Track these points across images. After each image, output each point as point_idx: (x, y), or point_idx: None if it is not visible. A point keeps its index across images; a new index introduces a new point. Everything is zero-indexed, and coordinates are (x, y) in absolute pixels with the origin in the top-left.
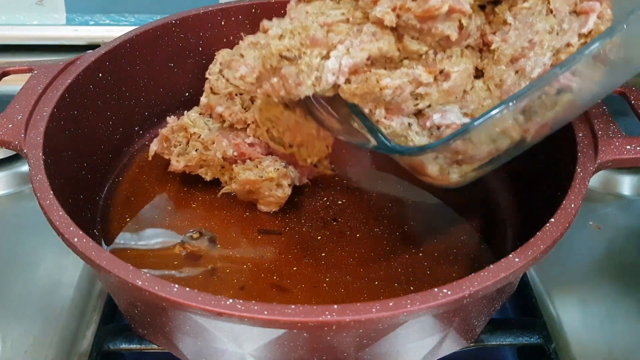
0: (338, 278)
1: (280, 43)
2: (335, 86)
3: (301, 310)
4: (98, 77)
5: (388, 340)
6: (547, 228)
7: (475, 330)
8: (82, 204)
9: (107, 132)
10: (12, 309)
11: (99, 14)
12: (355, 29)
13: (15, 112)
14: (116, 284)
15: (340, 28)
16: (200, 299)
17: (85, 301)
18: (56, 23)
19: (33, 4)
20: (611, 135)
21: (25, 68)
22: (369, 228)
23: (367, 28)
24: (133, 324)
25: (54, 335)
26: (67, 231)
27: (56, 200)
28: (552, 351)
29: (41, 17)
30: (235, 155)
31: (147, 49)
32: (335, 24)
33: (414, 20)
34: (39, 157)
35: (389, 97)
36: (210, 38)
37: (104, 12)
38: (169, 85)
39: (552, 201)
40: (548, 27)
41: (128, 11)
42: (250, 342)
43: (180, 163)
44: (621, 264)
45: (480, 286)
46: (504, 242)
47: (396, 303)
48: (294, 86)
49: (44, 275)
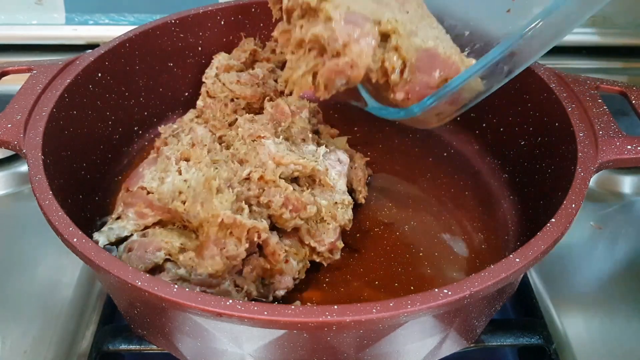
0: (338, 277)
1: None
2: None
3: (301, 311)
4: (97, 77)
5: (388, 341)
6: (547, 228)
7: (476, 330)
8: (82, 204)
9: (106, 132)
10: (12, 309)
11: (99, 14)
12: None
13: (14, 112)
14: (115, 284)
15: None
16: (200, 300)
17: (84, 301)
18: (55, 23)
19: (32, 3)
20: (612, 135)
21: (24, 68)
22: (369, 228)
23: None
24: (132, 325)
25: (53, 336)
26: (66, 231)
27: (55, 200)
28: (552, 352)
29: (41, 16)
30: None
31: (147, 48)
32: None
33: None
34: (38, 157)
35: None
36: (209, 38)
37: (104, 12)
38: (169, 85)
39: (553, 201)
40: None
41: (127, 11)
42: (250, 342)
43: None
44: (622, 264)
45: (481, 286)
46: (505, 242)
47: (396, 303)
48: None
49: (44, 275)
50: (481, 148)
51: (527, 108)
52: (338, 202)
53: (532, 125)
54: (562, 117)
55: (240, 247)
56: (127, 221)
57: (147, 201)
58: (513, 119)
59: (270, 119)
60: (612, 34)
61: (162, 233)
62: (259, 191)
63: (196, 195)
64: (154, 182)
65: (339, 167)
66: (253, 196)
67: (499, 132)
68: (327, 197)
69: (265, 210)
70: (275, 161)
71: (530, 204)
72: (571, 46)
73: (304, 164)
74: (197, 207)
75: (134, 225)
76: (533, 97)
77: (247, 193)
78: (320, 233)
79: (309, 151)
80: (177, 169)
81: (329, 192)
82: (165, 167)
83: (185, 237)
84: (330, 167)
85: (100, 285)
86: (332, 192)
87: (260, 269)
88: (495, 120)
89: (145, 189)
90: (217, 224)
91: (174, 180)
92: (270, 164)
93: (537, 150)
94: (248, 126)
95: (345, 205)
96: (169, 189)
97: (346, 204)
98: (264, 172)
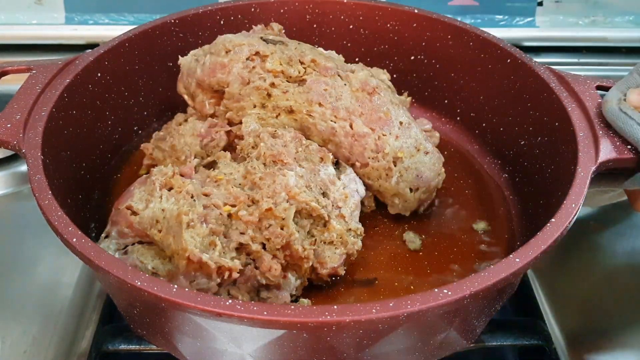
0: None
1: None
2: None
3: (301, 311)
4: (97, 77)
5: (388, 341)
6: (547, 228)
7: (476, 330)
8: (81, 204)
9: (105, 131)
10: (12, 309)
11: (98, 14)
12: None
13: (13, 112)
14: (115, 285)
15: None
16: (199, 300)
17: (84, 301)
18: (55, 22)
19: (32, 3)
20: (612, 135)
21: (23, 68)
22: (368, 227)
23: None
24: (132, 325)
25: (53, 336)
26: (66, 231)
27: (55, 200)
28: (552, 352)
29: (40, 16)
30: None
31: (146, 48)
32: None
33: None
34: (37, 157)
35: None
36: (209, 37)
37: (103, 12)
38: (168, 85)
39: (553, 201)
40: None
41: (127, 10)
42: (250, 342)
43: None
44: (622, 264)
45: (481, 287)
46: (505, 241)
47: (396, 303)
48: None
49: (44, 275)
50: (481, 148)
51: (527, 108)
52: (352, 228)
53: (532, 125)
54: (562, 117)
55: (212, 282)
56: (111, 241)
57: (129, 222)
58: (513, 118)
59: (293, 137)
60: (612, 34)
61: (140, 251)
62: (261, 220)
63: (169, 227)
64: (140, 203)
65: (356, 196)
66: (251, 222)
67: (498, 131)
68: (342, 223)
69: (260, 236)
70: (289, 194)
71: (530, 204)
72: (571, 46)
73: (316, 209)
74: (170, 239)
75: (115, 245)
76: (533, 97)
77: (246, 217)
78: (325, 255)
79: (327, 174)
80: (160, 195)
81: (343, 220)
82: (151, 191)
83: (161, 258)
84: (350, 196)
85: (100, 285)
86: (347, 220)
87: (255, 280)
88: (495, 120)
89: (131, 208)
90: (185, 258)
91: (155, 207)
92: (283, 196)
93: (537, 149)
94: (271, 143)
95: (357, 234)
96: (149, 215)
97: (358, 234)
98: (275, 206)
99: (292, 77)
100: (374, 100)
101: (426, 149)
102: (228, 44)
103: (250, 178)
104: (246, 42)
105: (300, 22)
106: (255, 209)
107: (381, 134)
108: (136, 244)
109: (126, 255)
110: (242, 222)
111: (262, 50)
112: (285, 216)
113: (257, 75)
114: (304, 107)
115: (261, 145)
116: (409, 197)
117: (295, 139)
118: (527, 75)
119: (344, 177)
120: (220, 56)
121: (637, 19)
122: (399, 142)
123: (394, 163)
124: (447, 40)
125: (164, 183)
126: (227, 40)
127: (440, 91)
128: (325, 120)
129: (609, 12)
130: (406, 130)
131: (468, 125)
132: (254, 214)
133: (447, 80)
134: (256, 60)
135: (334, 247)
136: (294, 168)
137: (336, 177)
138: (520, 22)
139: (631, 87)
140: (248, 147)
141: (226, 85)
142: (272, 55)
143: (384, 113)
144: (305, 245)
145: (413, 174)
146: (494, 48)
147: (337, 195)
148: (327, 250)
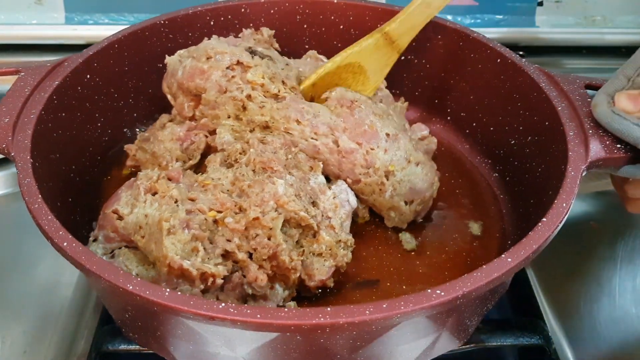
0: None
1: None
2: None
3: (294, 314)
4: (86, 79)
5: (381, 342)
6: (539, 227)
7: (468, 330)
8: (72, 207)
9: (95, 134)
10: (11, 309)
11: (98, 14)
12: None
13: (2, 115)
14: (107, 289)
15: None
16: (192, 303)
17: (84, 302)
18: (55, 22)
19: (32, 3)
20: (602, 134)
21: (11, 70)
22: (362, 228)
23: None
24: (124, 329)
25: (53, 336)
26: (56, 235)
27: (45, 204)
28: (552, 352)
29: (40, 16)
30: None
31: (136, 49)
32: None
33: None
34: (27, 160)
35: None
36: (199, 38)
37: (103, 12)
38: (158, 86)
39: (544, 200)
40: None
41: (127, 10)
42: (243, 345)
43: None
44: (622, 263)
45: (474, 287)
46: (496, 241)
47: (389, 305)
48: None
49: (43, 275)
50: (471, 147)
51: (517, 107)
52: (342, 240)
53: (522, 125)
54: (552, 116)
55: (195, 289)
56: (98, 245)
57: (114, 226)
58: (503, 118)
59: (283, 143)
60: (612, 34)
61: (126, 255)
62: (248, 228)
63: (151, 233)
64: (126, 207)
65: (347, 207)
66: (237, 230)
67: (489, 131)
68: (332, 234)
69: (247, 245)
70: (277, 203)
71: (521, 203)
72: (571, 46)
73: (304, 218)
74: (152, 245)
75: (102, 249)
76: (523, 96)
77: (233, 225)
78: (313, 267)
79: (318, 183)
80: (144, 200)
81: (333, 231)
82: (137, 196)
83: (146, 264)
84: (340, 207)
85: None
86: (337, 231)
87: (242, 288)
88: (485, 120)
89: (117, 212)
90: (166, 265)
91: (139, 212)
92: (272, 205)
93: (527, 149)
94: (261, 148)
95: (347, 246)
96: (133, 221)
97: (349, 245)
98: (262, 216)
99: (270, 93)
100: (355, 114)
101: (417, 160)
102: (210, 51)
103: (238, 185)
104: (229, 50)
105: (290, 22)
106: (242, 217)
107: (369, 148)
108: (123, 247)
109: (113, 259)
110: (229, 229)
111: (246, 62)
112: (273, 226)
113: (235, 85)
114: (281, 124)
115: (250, 151)
116: (404, 210)
117: (285, 145)
118: (517, 75)
119: (335, 187)
120: (201, 62)
121: (637, 19)
122: (388, 155)
123: (386, 177)
124: (437, 40)
125: (149, 187)
126: (210, 47)
127: (430, 91)
128: (306, 138)
129: (609, 12)
130: (394, 142)
131: (458, 125)
132: (240, 222)
133: (437, 80)
134: (237, 70)
135: (323, 259)
136: (284, 176)
137: (327, 186)
138: (520, 22)
139: (618, 90)
140: (236, 153)
141: (203, 91)
142: (255, 67)
143: (368, 126)
144: (293, 255)
145: (406, 186)
146: (484, 48)
147: (327, 205)
148: (315, 262)
